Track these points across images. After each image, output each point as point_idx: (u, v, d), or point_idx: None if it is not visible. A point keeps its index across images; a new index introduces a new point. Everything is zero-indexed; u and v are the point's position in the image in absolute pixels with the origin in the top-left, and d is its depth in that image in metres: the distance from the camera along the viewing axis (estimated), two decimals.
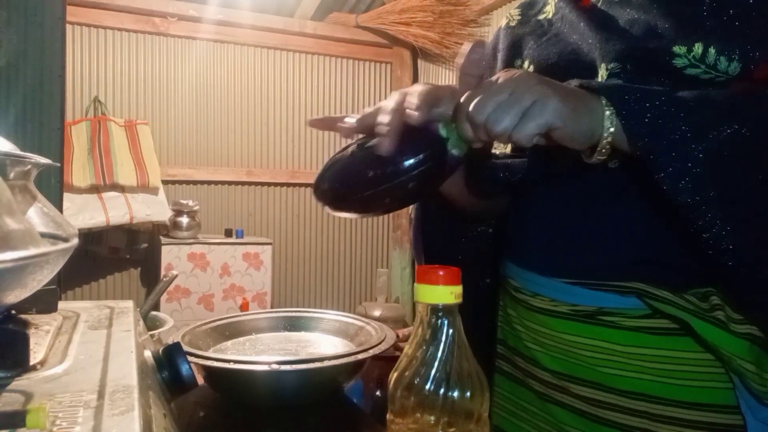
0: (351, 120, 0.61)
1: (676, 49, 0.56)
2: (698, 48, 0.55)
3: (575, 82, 0.55)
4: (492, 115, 0.50)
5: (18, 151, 0.47)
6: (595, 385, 0.63)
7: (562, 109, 0.50)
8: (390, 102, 0.57)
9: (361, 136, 0.62)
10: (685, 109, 0.51)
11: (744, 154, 0.51)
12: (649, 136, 0.50)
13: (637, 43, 0.59)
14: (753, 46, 0.54)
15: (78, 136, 3.00)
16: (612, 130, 0.52)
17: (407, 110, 0.55)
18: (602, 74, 0.61)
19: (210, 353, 0.75)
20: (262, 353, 0.84)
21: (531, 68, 0.70)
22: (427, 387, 0.43)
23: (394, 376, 0.45)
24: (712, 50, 0.55)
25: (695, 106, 0.51)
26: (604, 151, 0.53)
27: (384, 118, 0.56)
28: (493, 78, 0.53)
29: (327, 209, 0.62)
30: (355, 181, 0.58)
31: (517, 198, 0.75)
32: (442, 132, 0.56)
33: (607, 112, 0.52)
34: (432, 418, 0.43)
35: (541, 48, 0.70)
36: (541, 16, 0.73)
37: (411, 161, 0.56)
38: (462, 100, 0.54)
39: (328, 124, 0.65)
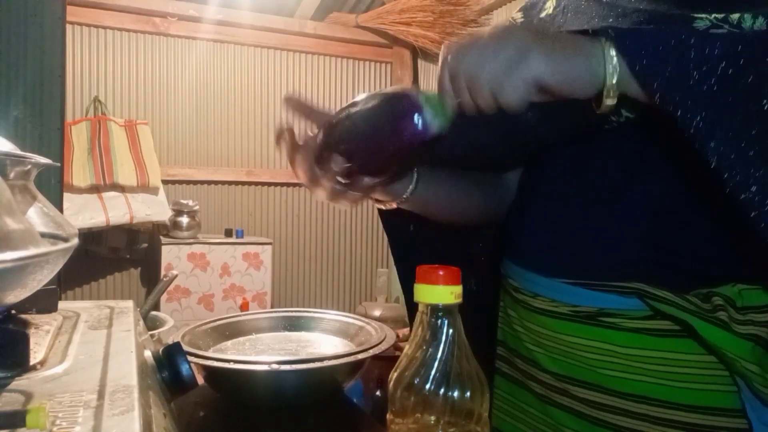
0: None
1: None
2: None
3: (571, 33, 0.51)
4: (474, 68, 0.48)
5: (18, 151, 0.47)
6: (596, 387, 0.62)
7: (549, 59, 0.47)
8: None
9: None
10: (704, 42, 0.46)
11: None
12: (663, 79, 0.45)
13: (656, 12, 0.56)
14: None
15: (78, 136, 3.00)
16: (617, 70, 0.47)
17: None
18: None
19: (210, 353, 0.75)
20: (262, 353, 0.84)
21: None
22: (427, 387, 0.43)
23: (394, 376, 0.44)
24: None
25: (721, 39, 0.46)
26: (611, 95, 0.49)
27: None
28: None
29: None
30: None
31: (518, 197, 0.74)
32: (423, 102, 0.54)
33: (612, 52, 0.47)
34: (432, 418, 0.43)
35: None
36: (543, 14, 0.73)
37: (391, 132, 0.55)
38: (441, 59, 0.52)
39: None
